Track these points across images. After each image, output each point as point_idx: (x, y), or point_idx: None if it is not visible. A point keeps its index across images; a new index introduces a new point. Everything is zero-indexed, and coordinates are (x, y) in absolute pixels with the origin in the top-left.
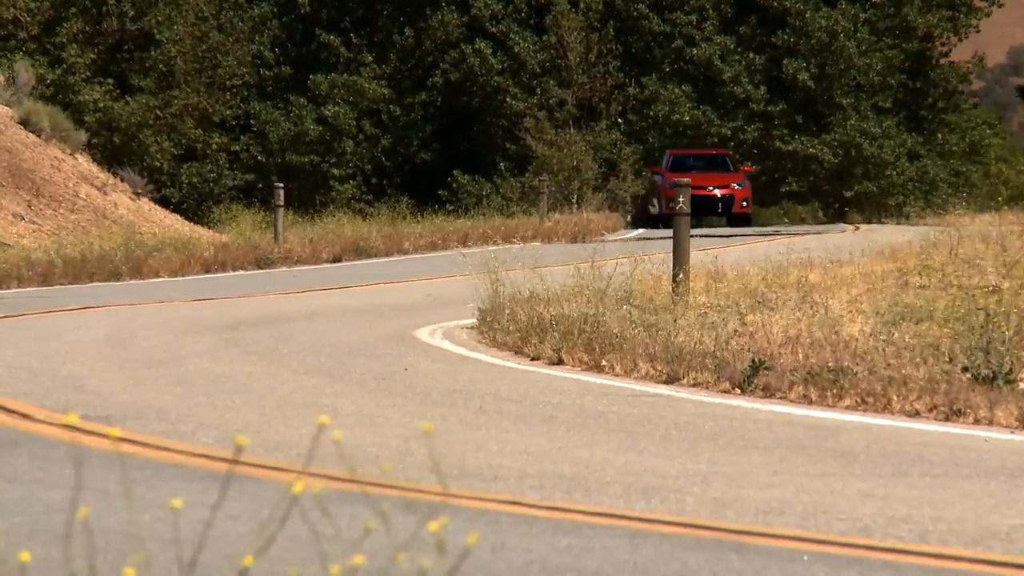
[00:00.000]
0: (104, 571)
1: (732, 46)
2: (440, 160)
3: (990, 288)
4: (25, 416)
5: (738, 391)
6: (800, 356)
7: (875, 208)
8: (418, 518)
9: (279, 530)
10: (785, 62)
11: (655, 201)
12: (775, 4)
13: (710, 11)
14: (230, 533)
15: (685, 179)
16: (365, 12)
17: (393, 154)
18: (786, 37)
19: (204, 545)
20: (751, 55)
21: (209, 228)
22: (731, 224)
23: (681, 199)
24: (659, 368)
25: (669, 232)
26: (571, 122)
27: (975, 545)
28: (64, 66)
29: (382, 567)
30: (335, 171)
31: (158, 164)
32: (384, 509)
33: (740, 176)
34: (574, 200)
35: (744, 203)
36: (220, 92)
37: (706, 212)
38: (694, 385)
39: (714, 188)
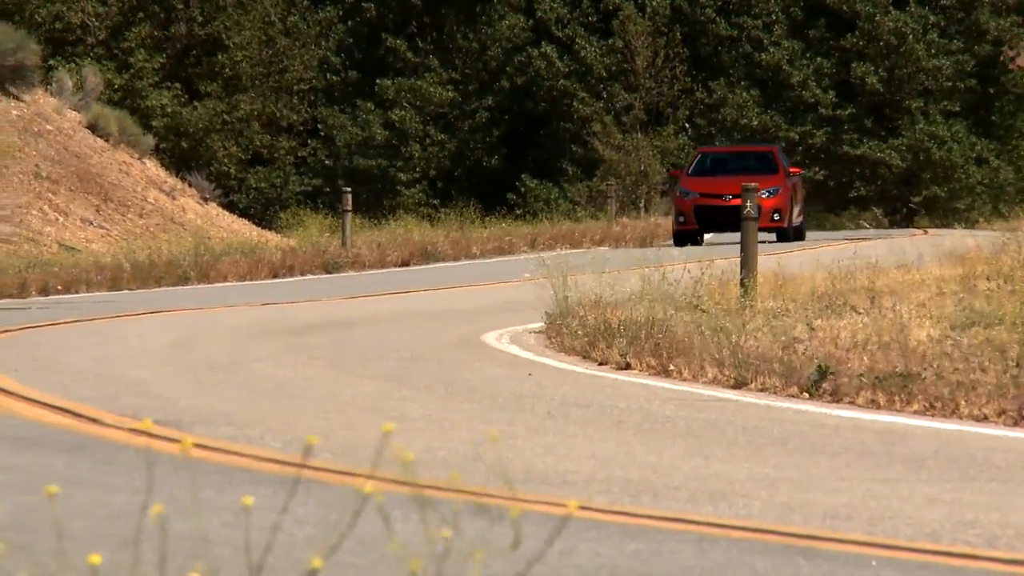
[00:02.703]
0: (173, 575)
1: (800, 50)
2: (507, 164)
3: None
4: (91, 420)
5: (805, 396)
6: (867, 361)
7: (943, 213)
8: (486, 523)
9: (347, 534)
10: (854, 65)
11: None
12: (844, 7)
13: (779, 14)
14: (297, 537)
15: (720, 184)
16: (431, 16)
17: (460, 158)
18: (855, 40)
19: (272, 549)
20: (819, 58)
21: (277, 233)
22: (782, 238)
23: (749, 203)
24: (726, 373)
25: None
26: (638, 127)
27: None
28: (132, 71)
29: (450, 572)
30: (402, 175)
31: (225, 169)
32: (452, 513)
33: (777, 180)
34: (641, 205)
35: (776, 215)
36: (287, 97)
37: (720, 227)
38: (761, 390)
39: (732, 197)
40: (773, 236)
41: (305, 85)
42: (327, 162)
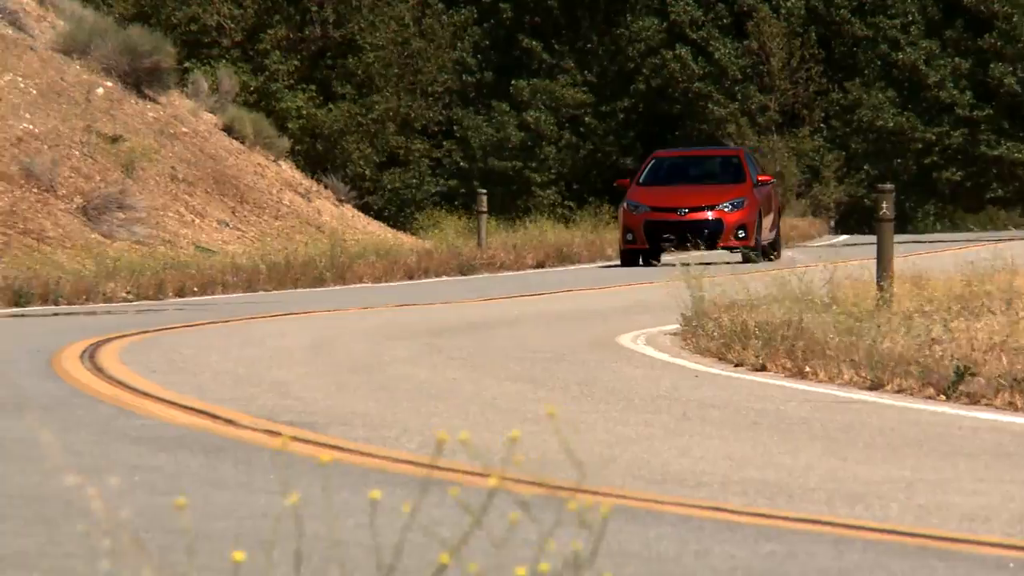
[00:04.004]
0: (308, 575)
1: (937, 50)
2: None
3: None
4: (230, 422)
5: (942, 398)
6: (1005, 362)
7: None
8: (620, 524)
9: (479, 535)
10: (991, 66)
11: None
12: (982, 7)
13: (915, 15)
14: (432, 538)
15: (676, 195)
16: (566, 18)
17: (594, 160)
18: (992, 40)
19: (405, 551)
20: (957, 59)
21: (412, 234)
22: (750, 258)
23: (885, 205)
24: (862, 375)
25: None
26: (773, 128)
27: None
28: (267, 73)
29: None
30: (537, 177)
31: (360, 171)
32: (585, 515)
33: (743, 190)
34: None
35: (741, 232)
36: (422, 98)
37: (673, 246)
38: (898, 392)
39: (688, 211)
40: (738, 256)
41: (440, 86)
42: (462, 163)
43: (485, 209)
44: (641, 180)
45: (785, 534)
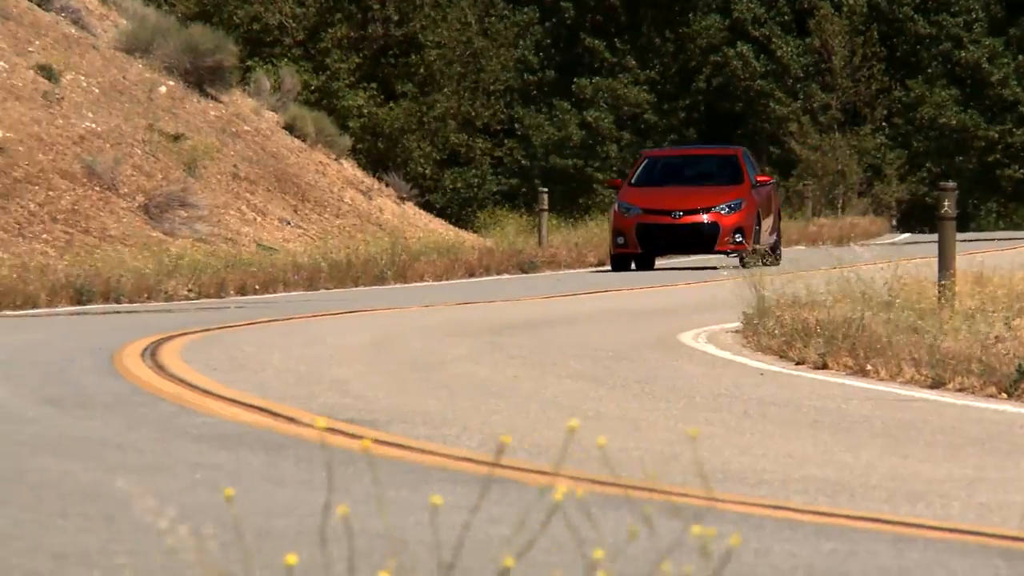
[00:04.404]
0: (366, 573)
1: (1001, 48)
2: None
3: None
4: (291, 420)
5: (1004, 396)
6: None
7: None
8: (682, 523)
9: (541, 533)
10: None
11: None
12: None
13: (978, 12)
14: (492, 536)
15: (669, 197)
16: (629, 17)
17: None
18: None
19: (465, 548)
20: (1020, 57)
21: (473, 232)
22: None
23: (947, 203)
24: (924, 373)
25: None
26: (835, 126)
27: None
28: (328, 71)
29: (646, 571)
30: (598, 175)
31: (421, 169)
32: (647, 513)
33: (741, 191)
34: (839, 205)
35: (738, 236)
36: (483, 97)
37: (667, 250)
38: (959, 390)
39: (682, 214)
40: (735, 261)
41: (501, 85)
42: (523, 162)
43: (546, 207)
44: (633, 181)
45: (846, 532)
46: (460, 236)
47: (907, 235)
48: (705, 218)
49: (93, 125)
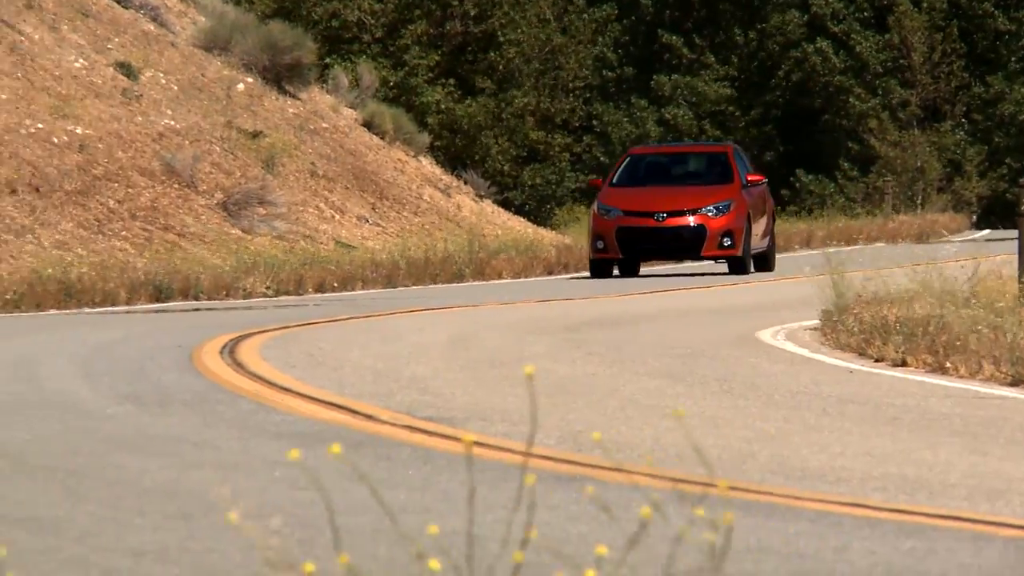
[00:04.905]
0: (447, 571)
1: None
2: (782, 161)
3: None
4: (369, 417)
5: None
6: None
7: None
8: (759, 520)
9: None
10: None
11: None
12: None
13: None
14: (571, 534)
15: (652, 197)
16: (707, 13)
17: None
18: None
19: (539, 546)
20: None
21: (551, 230)
22: (737, 269)
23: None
24: (1004, 371)
25: (1012, 234)
26: (914, 123)
27: None
28: (407, 68)
29: (725, 569)
30: None
31: (499, 166)
32: (728, 520)
33: (731, 191)
34: (918, 201)
35: (727, 239)
36: (561, 94)
37: (650, 255)
38: None
39: (666, 216)
40: (724, 267)
41: (580, 82)
42: (602, 159)
43: None
44: (615, 180)
45: (925, 530)
46: (538, 233)
47: (987, 231)
48: (691, 220)
49: (172, 122)
